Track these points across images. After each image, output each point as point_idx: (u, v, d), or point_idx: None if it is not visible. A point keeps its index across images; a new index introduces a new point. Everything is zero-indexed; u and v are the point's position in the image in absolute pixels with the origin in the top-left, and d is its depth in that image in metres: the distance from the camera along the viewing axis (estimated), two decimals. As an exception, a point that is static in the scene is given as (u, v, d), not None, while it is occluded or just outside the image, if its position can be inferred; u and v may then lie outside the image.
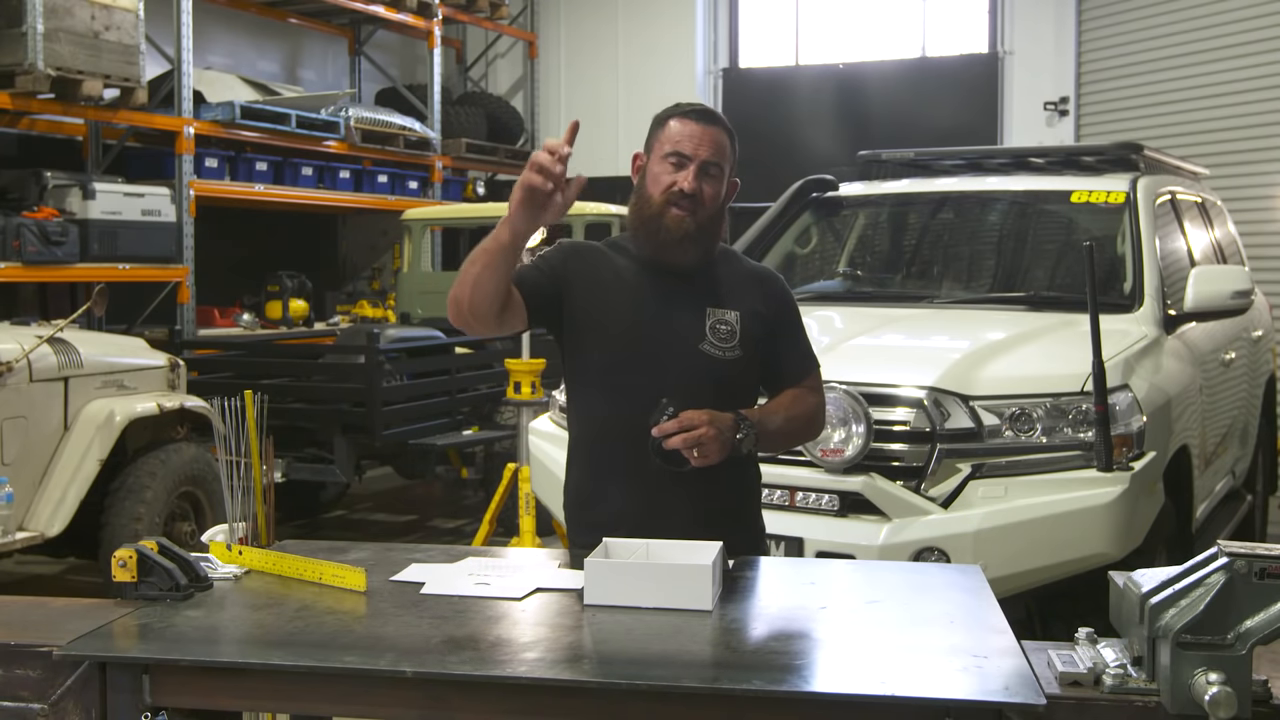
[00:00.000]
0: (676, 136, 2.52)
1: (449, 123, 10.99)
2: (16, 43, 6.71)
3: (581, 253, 2.63)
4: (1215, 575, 1.63)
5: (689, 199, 2.49)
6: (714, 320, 2.55)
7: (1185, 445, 4.21)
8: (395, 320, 9.11)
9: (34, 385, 4.87)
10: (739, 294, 2.60)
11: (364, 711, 1.85)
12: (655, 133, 2.58)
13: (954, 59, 11.45)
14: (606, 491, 2.57)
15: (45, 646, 1.87)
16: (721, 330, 2.55)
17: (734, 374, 2.56)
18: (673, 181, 2.50)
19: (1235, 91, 9.34)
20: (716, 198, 2.54)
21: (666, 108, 2.60)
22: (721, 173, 2.54)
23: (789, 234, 5.42)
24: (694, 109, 2.56)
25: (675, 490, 2.48)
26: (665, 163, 2.52)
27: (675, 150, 2.51)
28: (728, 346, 2.54)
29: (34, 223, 6.85)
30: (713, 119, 2.55)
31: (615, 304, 2.56)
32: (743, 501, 2.67)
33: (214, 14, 9.69)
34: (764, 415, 2.55)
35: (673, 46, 12.05)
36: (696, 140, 2.51)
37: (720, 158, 2.53)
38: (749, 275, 2.67)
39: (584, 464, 2.65)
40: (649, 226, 2.54)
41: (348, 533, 7.45)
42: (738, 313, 2.57)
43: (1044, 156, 5.55)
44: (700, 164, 2.50)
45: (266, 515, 2.37)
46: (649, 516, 2.43)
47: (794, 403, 2.64)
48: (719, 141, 2.53)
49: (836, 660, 1.83)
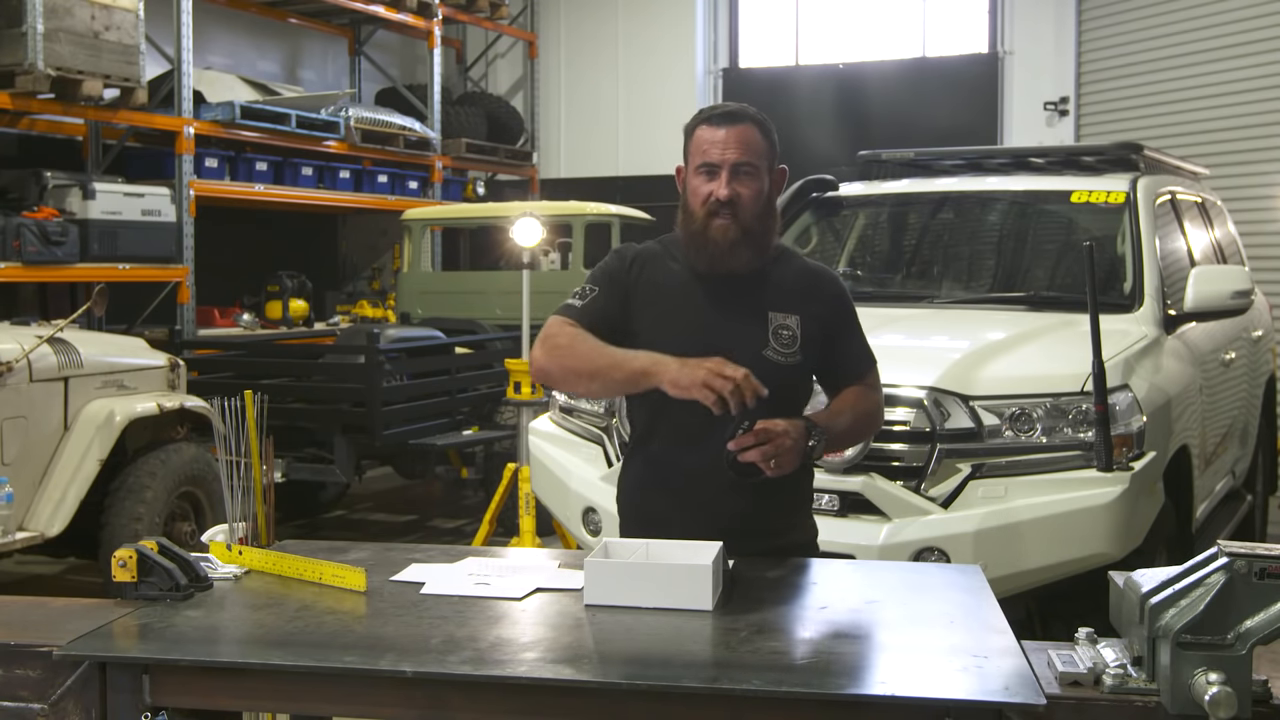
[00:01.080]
0: (704, 145, 2.49)
1: (449, 123, 10.99)
2: (16, 43, 6.72)
3: (641, 260, 2.60)
4: (1215, 575, 1.63)
5: (728, 206, 2.46)
6: (776, 325, 2.52)
7: (1185, 445, 4.21)
8: (395, 320, 9.11)
9: (34, 385, 4.87)
10: (798, 297, 2.57)
11: (364, 711, 1.85)
12: (687, 143, 2.55)
13: (954, 59, 11.45)
14: (662, 495, 2.55)
15: (45, 646, 1.87)
16: (784, 335, 2.52)
17: (794, 379, 2.54)
18: (709, 192, 2.47)
19: (1235, 91, 9.34)
20: (758, 196, 2.50)
21: (696, 114, 2.56)
22: (756, 170, 2.50)
23: (789, 234, 5.42)
24: (716, 112, 2.52)
25: (732, 497, 2.46)
26: (699, 175, 2.50)
27: (705, 161, 2.49)
28: (789, 352, 2.52)
29: (34, 223, 6.85)
30: (735, 118, 2.51)
31: (677, 314, 2.53)
32: (798, 505, 2.66)
33: (214, 14, 9.69)
34: (831, 418, 2.54)
35: (673, 46, 12.05)
36: (722, 144, 2.48)
37: (751, 155, 2.49)
38: (805, 275, 2.63)
39: (641, 466, 2.62)
40: (697, 241, 2.51)
41: (348, 533, 7.45)
42: (798, 317, 2.54)
43: (1044, 156, 5.54)
44: (731, 168, 2.47)
45: (266, 515, 2.37)
46: (702, 522, 2.41)
47: (858, 401, 2.62)
48: (746, 139, 2.49)
49: (836, 660, 1.83)
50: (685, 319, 2.52)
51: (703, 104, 11.89)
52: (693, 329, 2.50)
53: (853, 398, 2.62)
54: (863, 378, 2.67)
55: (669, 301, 2.54)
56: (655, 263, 2.59)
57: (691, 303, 2.54)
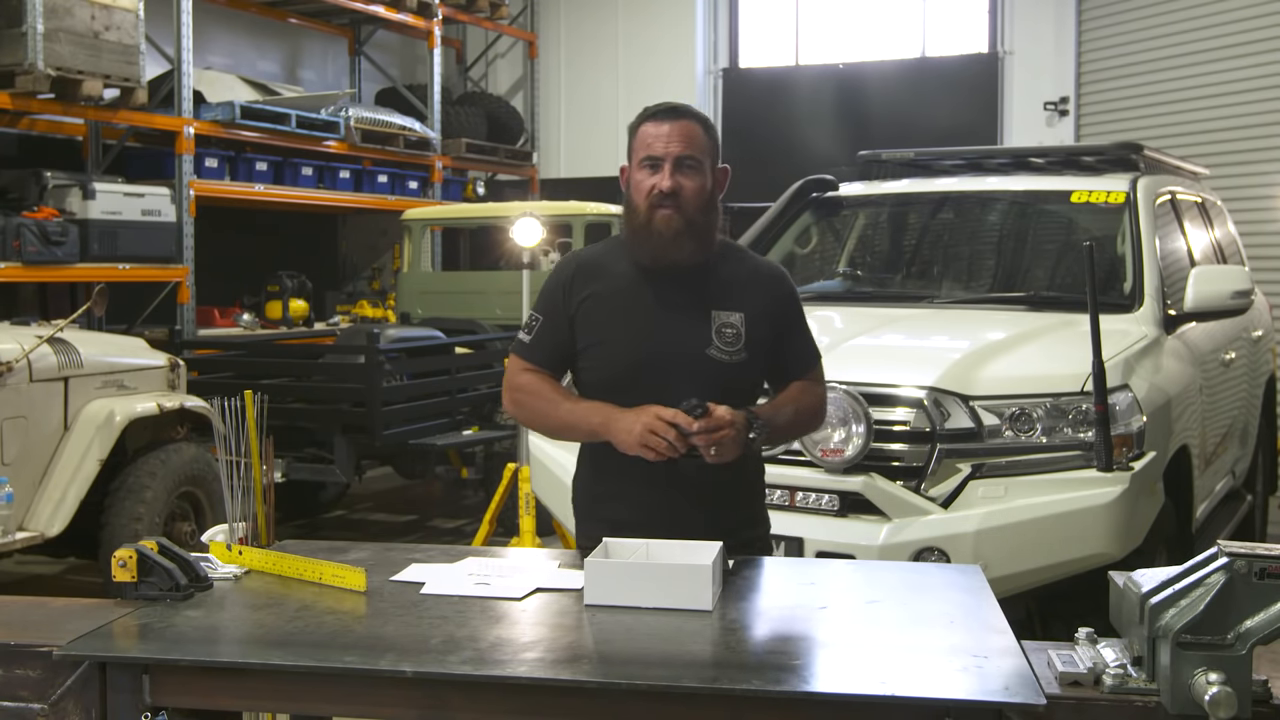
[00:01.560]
0: (647, 140, 2.53)
1: (449, 123, 10.99)
2: (16, 43, 6.72)
3: (582, 269, 2.62)
4: (1215, 575, 1.63)
5: (670, 197, 2.49)
6: (719, 324, 2.54)
7: (1185, 445, 4.21)
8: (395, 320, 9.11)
9: (34, 385, 4.87)
10: (744, 294, 2.59)
11: (364, 711, 1.85)
12: (630, 142, 2.59)
13: (954, 59, 11.45)
14: (616, 494, 2.57)
15: (45, 646, 1.87)
16: (727, 334, 2.54)
17: (739, 376, 2.56)
18: (652, 185, 2.50)
19: (1235, 91, 9.34)
20: (701, 190, 2.53)
21: (640, 113, 2.60)
22: (699, 164, 2.53)
23: (789, 234, 5.42)
24: (659, 108, 2.56)
25: (685, 492, 2.48)
26: (642, 169, 2.53)
27: (648, 155, 2.52)
28: (733, 350, 2.53)
29: (34, 223, 6.85)
30: (678, 113, 2.54)
31: (621, 318, 2.56)
32: (750, 500, 2.68)
33: (214, 14, 9.69)
34: (774, 412, 2.56)
35: (673, 46, 12.05)
36: (665, 138, 2.51)
37: (693, 149, 2.52)
38: (753, 273, 2.65)
39: (593, 466, 2.65)
40: (641, 234, 2.54)
41: (348, 533, 7.45)
42: (742, 314, 2.56)
43: (1044, 156, 5.54)
44: (674, 160, 2.50)
45: (266, 515, 2.37)
46: (657, 518, 2.43)
47: (800, 396, 2.65)
48: (688, 133, 2.52)
49: (836, 660, 1.83)
50: (630, 322, 2.55)
51: (703, 104, 12.02)
52: (637, 332, 2.54)
53: (796, 392, 2.65)
54: (807, 373, 2.70)
55: (613, 304, 2.57)
56: (597, 268, 2.62)
57: (636, 304, 2.56)
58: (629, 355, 2.53)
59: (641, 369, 2.51)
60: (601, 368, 2.57)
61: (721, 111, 12.20)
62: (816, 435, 3.73)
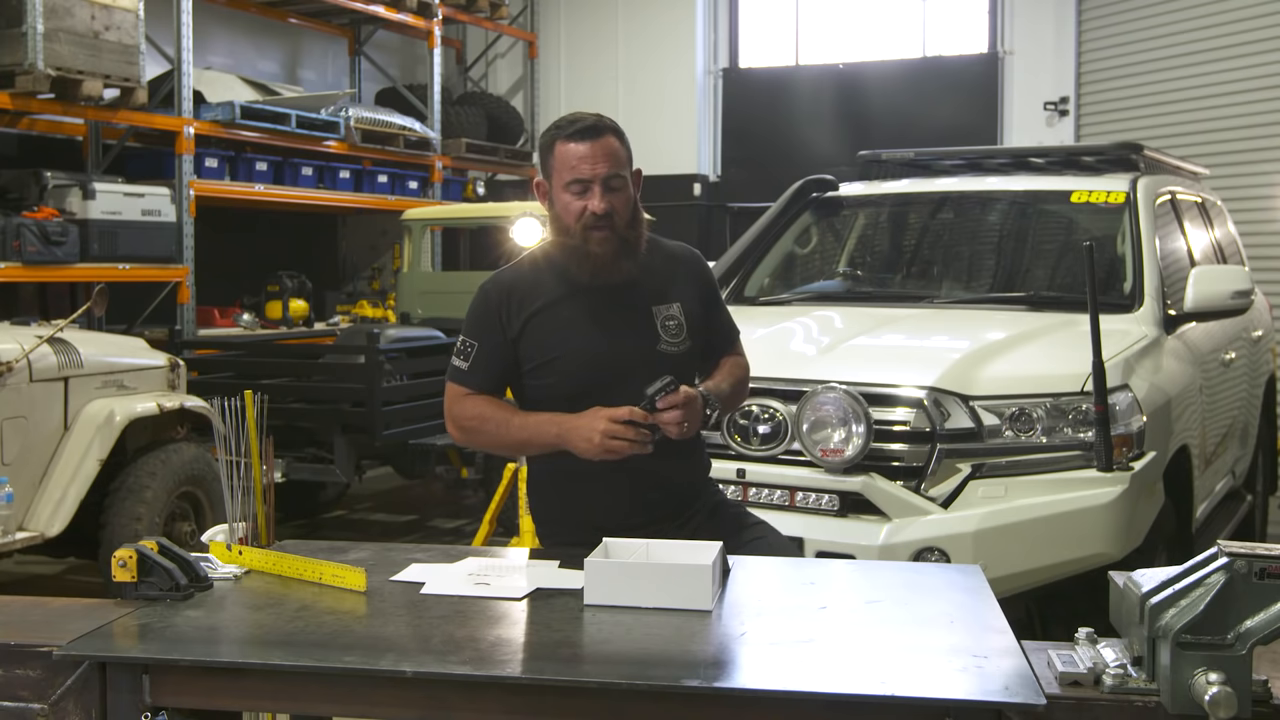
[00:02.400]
0: (571, 161, 2.53)
1: (449, 123, 10.99)
2: (16, 43, 6.71)
3: (514, 290, 2.64)
4: (1215, 575, 1.63)
5: (605, 218, 2.52)
6: (663, 318, 2.62)
7: (1185, 445, 4.21)
8: (395, 320, 9.11)
9: (34, 385, 4.86)
10: (673, 284, 2.67)
11: (364, 711, 1.85)
12: (546, 158, 2.59)
13: (954, 59, 11.44)
14: (581, 501, 2.62)
15: (45, 646, 1.87)
16: (671, 326, 2.63)
17: (687, 365, 2.65)
18: (583, 207, 2.52)
19: (1235, 91, 9.34)
20: (627, 204, 2.57)
21: (548, 129, 2.60)
22: (624, 180, 2.57)
23: (789, 234, 5.42)
24: (576, 128, 2.55)
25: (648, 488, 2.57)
26: (568, 191, 2.54)
27: (574, 178, 2.53)
28: (679, 340, 2.63)
29: (34, 223, 6.85)
30: (596, 131, 2.55)
31: (572, 330, 2.59)
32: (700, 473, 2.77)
33: (214, 14, 9.69)
34: (718, 386, 2.66)
35: (673, 46, 12.05)
36: (590, 160, 2.52)
37: (617, 167, 2.55)
38: (671, 260, 2.73)
39: (552, 479, 2.68)
40: (578, 254, 2.56)
41: (348, 533, 7.45)
42: (679, 304, 2.65)
43: (1044, 156, 5.54)
44: (602, 182, 2.52)
45: (266, 515, 2.37)
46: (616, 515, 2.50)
47: (733, 369, 2.77)
48: (610, 151, 2.54)
49: (836, 660, 1.83)
50: (582, 333, 2.58)
51: (703, 104, 12.04)
52: (591, 342, 2.58)
53: (728, 366, 2.77)
54: (732, 346, 2.83)
55: (560, 319, 2.60)
56: (530, 287, 2.64)
57: (583, 315, 2.59)
58: (588, 365, 2.57)
59: (602, 376, 2.55)
60: (561, 382, 2.60)
61: (721, 111, 12.20)
62: (816, 435, 3.73)
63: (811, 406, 3.74)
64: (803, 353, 4.12)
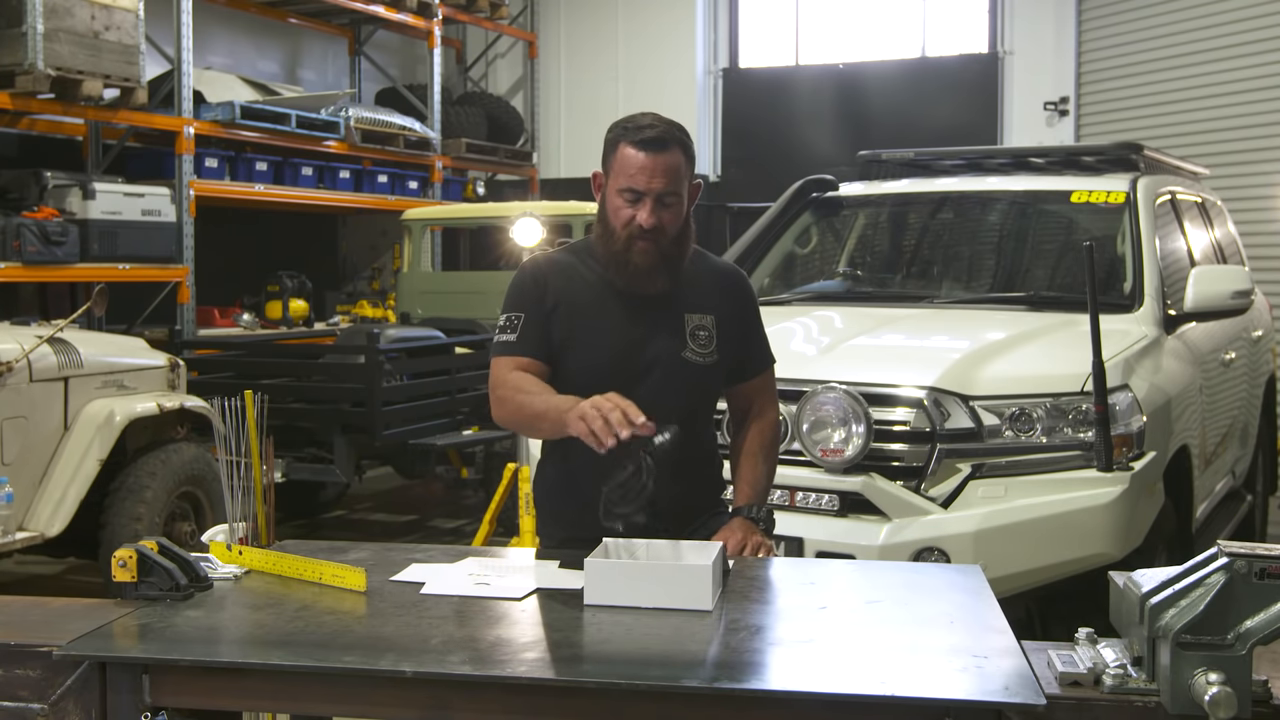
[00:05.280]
0: (630, 169, 2.49)
1: (449, 123, 10.99)
2: (16, 43, 6.71)
3: (553, 272, 2.63)
4: (1215, 575, 1.63)
5: (651, 233, 2.49)
6: (693, 327, 2.60)
7: (1185, 445, 4.21)
8: (395, 320, 9.11)
9: (34, 385, 4.86)
10: (712, 296, 2.65)
11: (364, 711, 1.85)
12: (609, 155, 2.54)
13: (954, 59, 11.45)
14: (581, 488, 2.57)
15: (45, 646, 1.87)
16: (701, 336, 2.60)
17: (711, 378, 2.63)
18: (631, 216, 2.50)
19: (1235, 91, 9.34)
20: (677, 220, 2.54)
21: (618, 123, 2.55)
22: (679, 198, 2.53)
23: (789, 234, 5.42)
24: (644, 137, 2.49)
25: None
26: (621, 196, 2.51)
27: (629, 186, 2.49)
28: (707, 351, 2.60)
29: (34, 223, 6.85)
30: (663, 144, 2.49)
31: (598, 324, 2.58)
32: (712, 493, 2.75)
33: (214, 14, 9.69)
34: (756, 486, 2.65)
35: (673, 46, 12.05)
36: (649, 173, 2.47)
37: (675, 184, 2.50)
38: (717, 275, 2.72)
39: (559, 460, 2.68)
40: (618, 259, 2.55)
41: (348, 533, 7.45)
42: (713, 317, 2.63)
43: (1044, 156, 5.54)
44: (656, 197, 2.49)
45: (266, 515, 2.37)
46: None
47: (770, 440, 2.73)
48: (671, 168, 2.49)
49: (836, 660, 1.83)
50: (607, 328, 2.57)
51: (703, 104, 12.05)
52: (615, 338, 2.56)
53: (757, 440, 2.71)
54: (762, 372, 2.77)
55: (588, 312, 2.58)
56: (568, 273, 2.63)
57: (611, 312, 2.58)
58: (608, 357, 2.56)
59: (621, 371, 2.53)
60: (581, 371, 2.58)
61: (721, 111, 12.20)
62: (816, 435, 3.74)
63: (811, 406, 3.74)
64: (803, 353, 4.12)
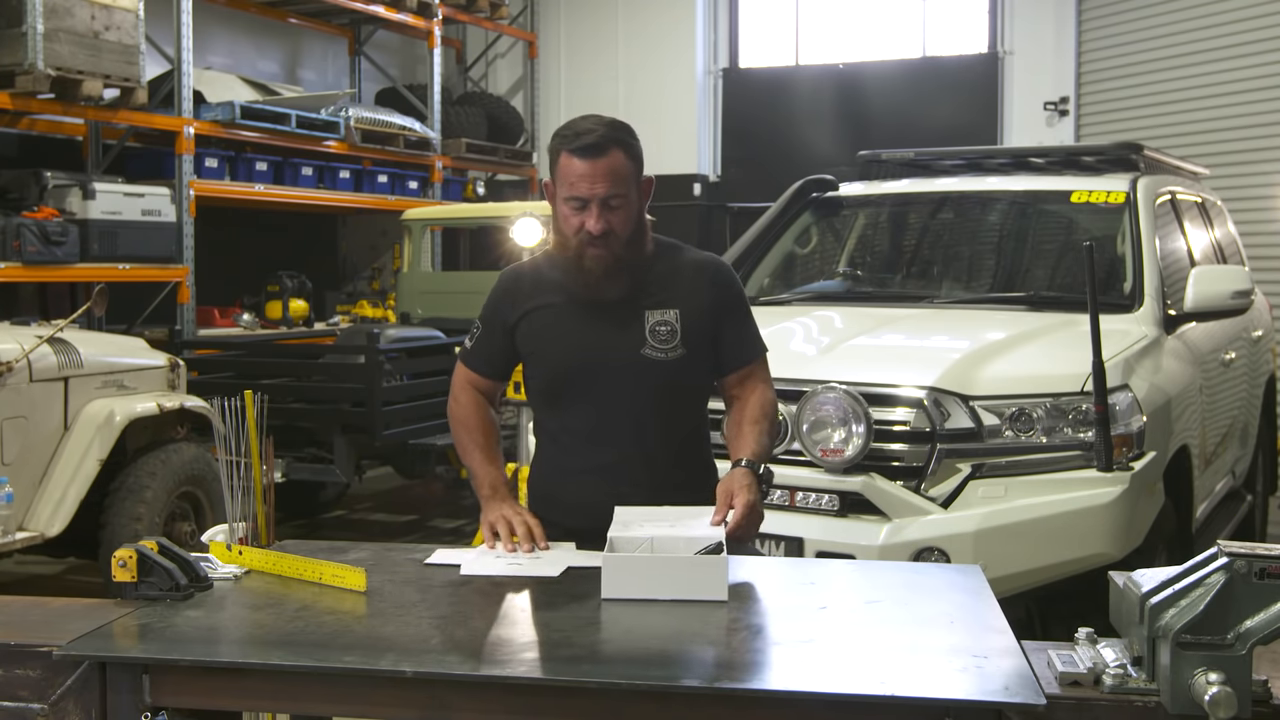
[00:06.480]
0: (571, 177, 2.48)
1: (449, 123, 10.99)
2: (16, 43, 6.72)
3: (525, 280, 2.67)
4: (1215, 575, 1.63)
5: (600, 238, 2.49)
6: (654, 323, 2.56)
7: (1185, 445, 4.21)
8: (395, 320, 9.11)
9: (34, 385, 4.86)
10: (679, 290, 2.60)
11: (364, 711, 1.85)
12: (553, 165, 2.54)
13: (954, 59, 11.45)
14: (567, 490, 2.63)
15: (45, 646, 1.87)
16: (661, 331, 2.56)
17: (678, 373, 2.58)
18: (580, 223, 2.49)
19: (1235, 91, 9.34)
20: (628, 220, 2.52)
21: (558, 131, 2.54)
22: (626, 199, 2.50)
23: (789, 234, 5.42)
24: (581, 144, 2.47)
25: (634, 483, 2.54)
26: (568, 205, 2.50)
27: (572, 194, 2.48)
28: (669, 347, 2.56)
29: (34, 223, 6.85)
30: (600, 149, 2.46)
31: (556, 328, 2.60)
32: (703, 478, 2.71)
33: (214, 14, 9.69)
34: (757, 447, 2.56)
35: (673, 46, 12.05)
36: (590, 179, 2.46)
37: (620, 186, 2.48)
38: (690, 267, 2.66)
39: (548, 461, 2.71)
40: (573, 267, 2.55)
41: (348, 533, 7.45)
42: (678, 310, 2.58)
43: (1044, 156, 5.54)
44: (600, 202, 2.47)
45: (266, 515, 2.37)
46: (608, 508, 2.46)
47: (762, 411, 2.65)
48: (613, 171, 2.47)
49: (836, 660, 1.83)
50: (563, 331, 2.59)
51: (703, 104, 12.05)
52: (569, 340, 2.58)
53: (755, 409, 2.65)
54: (749, 363, 2.68)
55: (550, 319, 2.61)
56: (539, 282, 2.65)
57: (569, 314, 2.59)
58: (561, 364, 2.58)
59: (574, 376, 2.57)
60: (538, 377, 2.64)
61: (721, 111, 12.20)
62: (816, 435, 3.74)
63: (811, 406, 3.74)
64: (803, 353, 4.12)
